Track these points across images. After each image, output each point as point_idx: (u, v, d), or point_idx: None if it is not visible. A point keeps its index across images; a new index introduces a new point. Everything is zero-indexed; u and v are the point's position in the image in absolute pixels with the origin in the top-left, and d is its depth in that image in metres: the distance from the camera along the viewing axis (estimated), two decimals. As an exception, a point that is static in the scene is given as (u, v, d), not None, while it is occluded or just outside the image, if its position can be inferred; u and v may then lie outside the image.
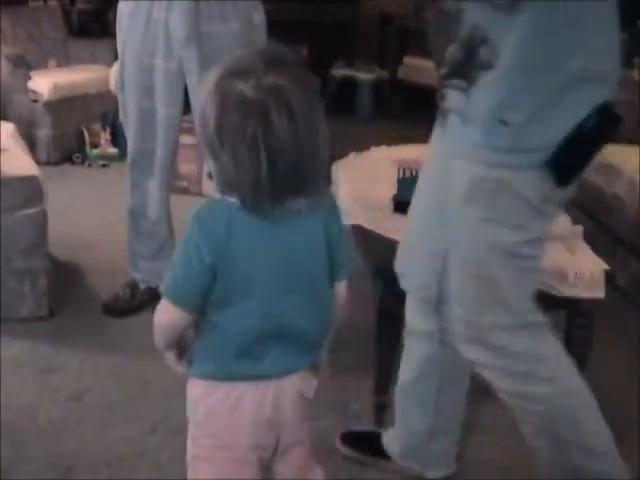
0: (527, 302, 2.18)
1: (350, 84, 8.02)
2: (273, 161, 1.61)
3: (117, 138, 6.01)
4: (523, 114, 1.98)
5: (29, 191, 3.50)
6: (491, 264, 2.12)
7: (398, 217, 2.88)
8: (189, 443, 1.93)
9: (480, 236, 2.11)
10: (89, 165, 6.01)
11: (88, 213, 4.87)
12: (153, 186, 3.55)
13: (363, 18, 8.62)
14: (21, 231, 3.50)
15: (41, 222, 3.53)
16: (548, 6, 1.93)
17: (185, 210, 1.99)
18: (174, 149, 3.57)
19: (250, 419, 1.85)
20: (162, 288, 1.78)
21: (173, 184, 4.01)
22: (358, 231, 2.99)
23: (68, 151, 6.06)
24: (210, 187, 5.06)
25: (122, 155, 5.92)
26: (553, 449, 2.27)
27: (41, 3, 7.35)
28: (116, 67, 6.03)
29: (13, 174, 3.51)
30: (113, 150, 6.05)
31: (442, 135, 2.19)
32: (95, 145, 6.08)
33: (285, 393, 1.86)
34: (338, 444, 2.79)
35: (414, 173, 3.25)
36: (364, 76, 8.07)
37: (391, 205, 3.09)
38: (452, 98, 2.10)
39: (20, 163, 3.70)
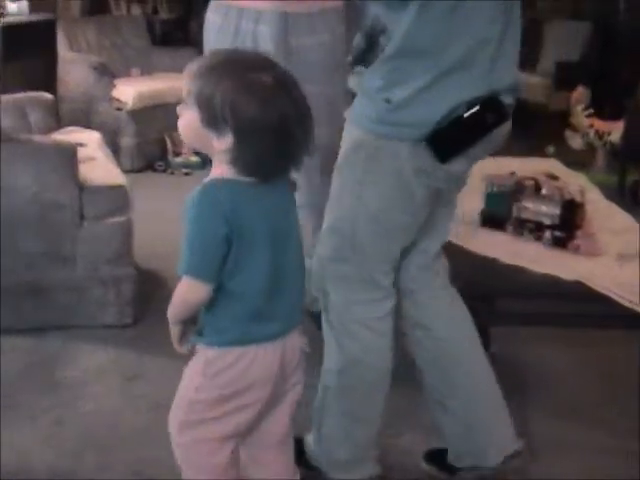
0: (374, 267, 2.43)
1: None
2: (287, 140, 1.92)
3: (198, 146, 6.05)
4: (403, 94, 2.21)
5: (116, 200, 3.54)
6: (346, 216, 2.38)
7: (486, 231, 2.85)
8: (178, 416, 2.12)
9: (349, 196, 2.36)
10: (171, 173, 6.08)
11: (170, 221, 4.82)
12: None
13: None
14: (107, 239, 3.54)
15: (127, 231, 3.56)
16: None
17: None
18: None
19: (259, 378, 2.05)
20: (182, 269, 1.95)
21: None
22: (446, 245, 2.95)
23: (151, 159, 6.13)
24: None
25: (204, 163, 6.00)
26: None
27: (124, 12, 7.45)
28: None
29: (101, 183, 3.56)
30: (195, 158, 6.10)
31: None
32: (177, 153, 6.14)
33: (290, 350, 2.09)
34: (422, 461, 2.76)
35: (502, 187, 3.22)
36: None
37: (479, 219, 3.05)
38: (353, 78, 2.39)
39: (108, 172, 3.74)
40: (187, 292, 1.98)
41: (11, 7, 6.19)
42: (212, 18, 3.40)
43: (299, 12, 3.27)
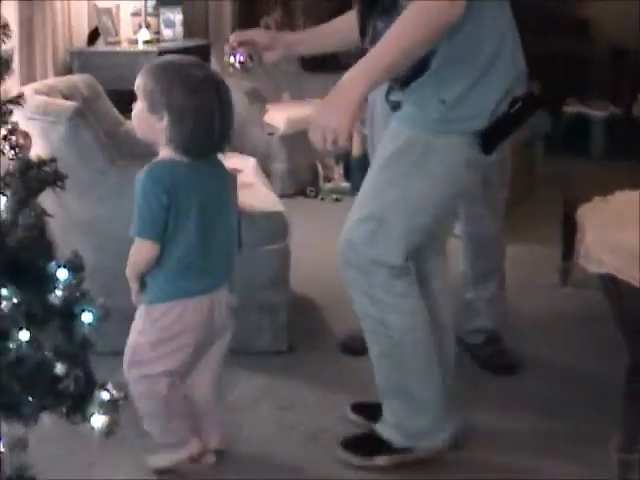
0: (404, 253, 2.66)
1: (582, 121, 7.81)
2: (210, 124, 2.51)
3: (350, 172, 6.07)
4: (455, 93, 2.52)
5: (275, 227, 3.55)
6: (393, 208, 2.61)
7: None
8: (127, 356, 2.68)
9: (395, 189, 2.61)
10: (322, 199, 6.09)
11: (321, 247, 4.86)
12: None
13: (595, 52, 8.40)
14: (265, 266, 3.55)
15: (284, 257, 3.58)
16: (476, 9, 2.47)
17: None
18: None
19: (192, 324, 2.64)
20: (135, 231, 2.55)
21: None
22: (608, 280, 2.86)
23: (302, 184, 6.16)
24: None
25: (354, 190, 5.98)
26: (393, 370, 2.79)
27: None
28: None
29: (260, 210, 3.57)
30: (346, 184, 6.10)
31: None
32: (328, 179, 6.15)
33: (217, 303, 2.69)
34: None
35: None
36: (597, 113, 7.84)
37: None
38: (397, 95, 2.64)
39: (266, 198, 3.76)
40: (139, 251, 2.58)
41: (166, 33, 6.33)
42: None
43: None
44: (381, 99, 3.33)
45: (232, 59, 2.83)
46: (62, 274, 2.02)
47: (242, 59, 2.83)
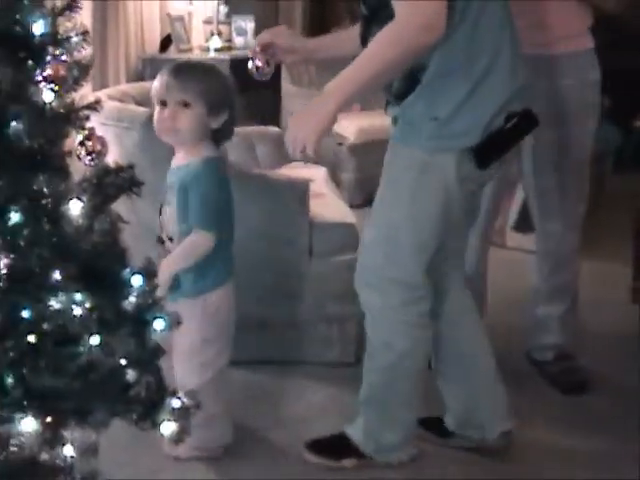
0: (420, 270, 2.73)
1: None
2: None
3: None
4: (448, 109, 2.54)
5: (345, 238, 3.52)
6: (402, 227, 2.68)
7: None
8: (194, 362, 2.79)
9: (402, 208, 2.66)
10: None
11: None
12: (473, 236, 3.49)
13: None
14: (334, 277, 3.52)
15: (354, 269, 3.52)
16: (464, 22, 2.49)
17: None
18: (498, 204, 3.56)
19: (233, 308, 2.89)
20: (200, 224, 2.70)
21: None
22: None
23: (370, 194, 6.08)
24: (517, 239, 4.95)
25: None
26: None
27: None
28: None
29: (331, 220, 3.56)
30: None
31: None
32: (397, 190, 6.10)
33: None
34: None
35: None
36: (670, 128, 7.70)
37: None
38: (391, 109, 2.70)
39: (337, 209, 3.74)
40: (201, 243, 2.71)
41: (238, 40, 6.35)
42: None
43: (565, 53, 3.25)
44: None
45: (250, 64, 2.87)
46: (136, 281, 2.01)
47: (259, 64, 2.86)
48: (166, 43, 5.59)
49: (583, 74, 3.29)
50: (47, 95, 1.87)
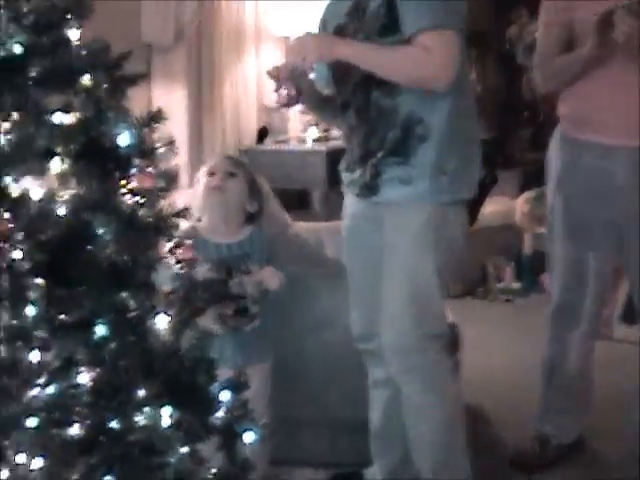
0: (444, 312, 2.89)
1: None
2: None
3: (521, 273, 5.90)
4: (454, 164, 2.73)
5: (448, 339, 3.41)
6: (430, 283, 2.77)
7: None
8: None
9: (426, 266, 2.75)
10: (492, 300, 5.90)
11: (491, 352, 4.72)
12: (577, 338, 3.38)
13: None
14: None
15: (455, 370, 3.42)
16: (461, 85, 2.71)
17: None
18: (604, 301, 3.46)
19: None
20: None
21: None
22: None
23: (470, 284, 5.99)
24: (624, 331, 4.76)
25: (526, 290, 5.83)
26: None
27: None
28: (521, 200, 5.95)
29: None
30: (517, 285, 5.91)
31: (368, 204, 2.85)
32: (499, 279, 5.98)
33: None
34: None
35: None
36: None
37: None
38: (391, 172, 2.74)
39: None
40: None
41: (335, 131, 6.34)
42: (554, 152, 3.32)
43: None
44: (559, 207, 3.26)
45: (279, 93, 2.77)
46: (225, 396, 1.96)
47: (291, 93, 2.76)
48: (263, 134, 5.60)
49: None
50: (134, 206, 1.86)
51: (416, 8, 2.60)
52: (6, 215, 1.71)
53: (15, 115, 1.80)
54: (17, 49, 1.70)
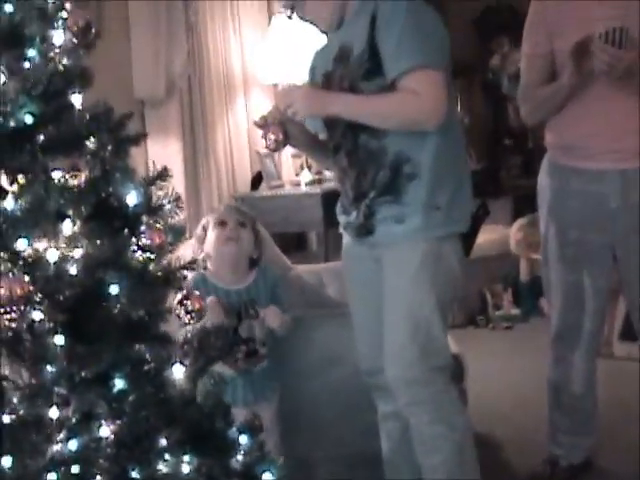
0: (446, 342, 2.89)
1: None
2: None
3: (519, 299, 5.96)
4: (446, 198, 2.74)
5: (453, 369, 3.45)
6: (432, 318, 2.77)
7: None
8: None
9: (427, 300, 2.75)
10: (492, 328, 5.95)
11: (495, 379, 4.76)
12: (579, 359, 3.42)
13: None
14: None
15: (461, 400, 3.45)
16: (447, 119, 2.69)
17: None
18: (602, 320, 3.48)
19: None
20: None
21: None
22: None
23: (471, 313, 6.04)
24: (624, 349, 4.79)
25: (525, 316, 5.90)
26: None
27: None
28: (515, 227, 6.00)
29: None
30: (516, 311, 5.96)
31: (365, 246, 2.87)
32: (498, 307, 6.03)
33: None
34: None
35: None
36: None
37: None
38: (384, 211, 2.76)
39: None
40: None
41: (328, 173, 6.37)
42: (545, 179, 3.36)
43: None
44: (552, 232, 3.30)
45: (268, 139, 2.79)
46: (243, 439, 2.00)
47: (277, 137, 2.78)
48: (257, 180, 5.65)
49: None
50: (144, 261, 1.91)
51: (397, 51, 2.62)
52: (25, 278, 1.75)
53: (23, 179, 1.85)
54: (28, 119, 1.75)
